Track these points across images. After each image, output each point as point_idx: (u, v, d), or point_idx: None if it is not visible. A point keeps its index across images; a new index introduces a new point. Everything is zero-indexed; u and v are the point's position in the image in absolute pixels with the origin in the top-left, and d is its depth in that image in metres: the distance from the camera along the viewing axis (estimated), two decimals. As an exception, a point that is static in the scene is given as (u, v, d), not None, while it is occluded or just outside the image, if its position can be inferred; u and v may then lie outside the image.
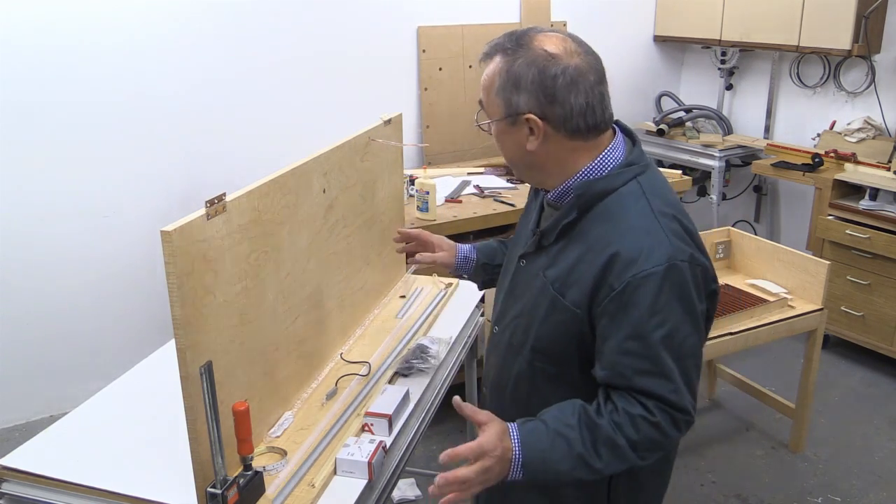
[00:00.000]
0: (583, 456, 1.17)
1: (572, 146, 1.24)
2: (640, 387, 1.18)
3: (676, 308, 1.17)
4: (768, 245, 2.96)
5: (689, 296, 1.19)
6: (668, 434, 1.19)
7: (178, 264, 1.20)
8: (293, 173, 1.59)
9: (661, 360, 1.17)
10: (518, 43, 1.22)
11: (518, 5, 3.98)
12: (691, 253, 1.20)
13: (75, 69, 2.94)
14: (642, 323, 1.16)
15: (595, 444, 1.17)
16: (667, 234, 1.19)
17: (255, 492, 1.35)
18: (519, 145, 1.25)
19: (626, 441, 1.17)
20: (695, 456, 2.97)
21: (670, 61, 4.73)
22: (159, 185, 3.20)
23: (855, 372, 3.58)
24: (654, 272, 1.15)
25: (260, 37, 3.31)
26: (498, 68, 1.23)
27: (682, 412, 1.19)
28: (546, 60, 1.19)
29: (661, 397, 1.18)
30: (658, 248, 1.17)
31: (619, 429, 1.17)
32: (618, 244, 1.18)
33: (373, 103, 3.54)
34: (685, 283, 1.18)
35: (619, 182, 1.23)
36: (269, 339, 1.53)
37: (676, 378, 1.18)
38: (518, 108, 1.21)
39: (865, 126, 3.74)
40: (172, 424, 1.46)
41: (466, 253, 1.69)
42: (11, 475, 1.45)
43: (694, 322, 1.20)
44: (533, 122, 1.21)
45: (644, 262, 1.16)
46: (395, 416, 1.59)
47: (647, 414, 1.17)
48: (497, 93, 1.23)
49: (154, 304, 3.21)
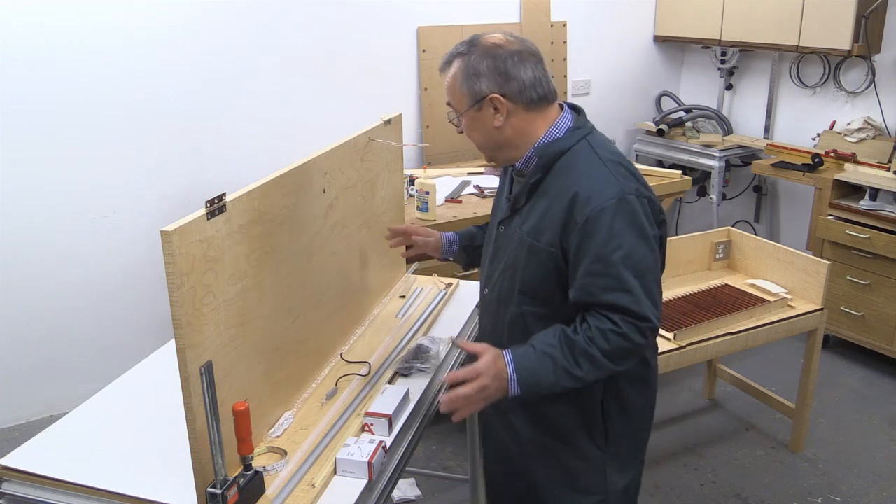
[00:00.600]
0: (566, 368, 1.41)
1: (530, 117, 1.49)
2: (605, 301, 1.40)
3: (630, 233, 1.40)
4: (768, 245, 2.96)
5: (639, 222, 1.42)
6: (635, 341, 1.41)
7: (178, 264, 1.20)
8: (293, 173, 1.59)
9: (621, 277, 1.39)
10: (470, 44, 1.49)
11: (518, 5, 3.98)
12: (637, 188, 1.44)
13: (75, 69, 2.94)
14: (602, 247, 1.39)
15: (575, 357, 1.41)
16: (615, 175, 1.44)
17: (255, 492, 1.35)
18: (487, 127, 1.49)
19: (600, 351, 1.40)
20: (695, 456, 2.97)
21: (670, 61, 4.73)
22: (159, 185, 3.20)
23: (855, 372, 3.58)
24: (607, 205, 1.39)
25: (260, 37, 3.31)
26: (458, 67, 1.48)
27: (643, 320, 1.40)
28: (495, 49, 1.47)
29: (624, 308, 1.39)
30: (609, 187, 1.41)
31: (592, 342, 1.40)
32: (576, 187, 1.42)
33: (373, 103, 3.54)
34: (635, 212, 1.41)
35: (572, 142, 1.49)
36: (268, 339, 1.53)
37: (637, 290, 1.39)
38: (482, 91, 1.46)
39: (865, 126, 3.74)
40: (172, 424, 1.46)
41: (450, 238, 1.92)
42: (11, 475, 1.45)
43: (647, 244, 1.43)
44: (496, 100, 1.46)
45: (598, 198, 1.40)
46: (395, 416, 1.59)
47: (614, 326, 1.40)
48: (461, 86, 1.48)
49: (154, 304, 3.22)
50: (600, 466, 1.60)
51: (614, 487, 1.61)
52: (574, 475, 1.61)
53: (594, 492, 1.61)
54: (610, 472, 1.60)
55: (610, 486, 1.61)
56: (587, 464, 1.60)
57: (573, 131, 1.51)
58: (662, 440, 3.04)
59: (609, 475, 1.60)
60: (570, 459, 1.60)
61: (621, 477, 1.62)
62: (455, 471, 2.86)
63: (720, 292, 2.83)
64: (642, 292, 1.40)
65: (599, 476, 1.60)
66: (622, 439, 1.60)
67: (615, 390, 1.56)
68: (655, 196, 1.50)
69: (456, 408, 1.42)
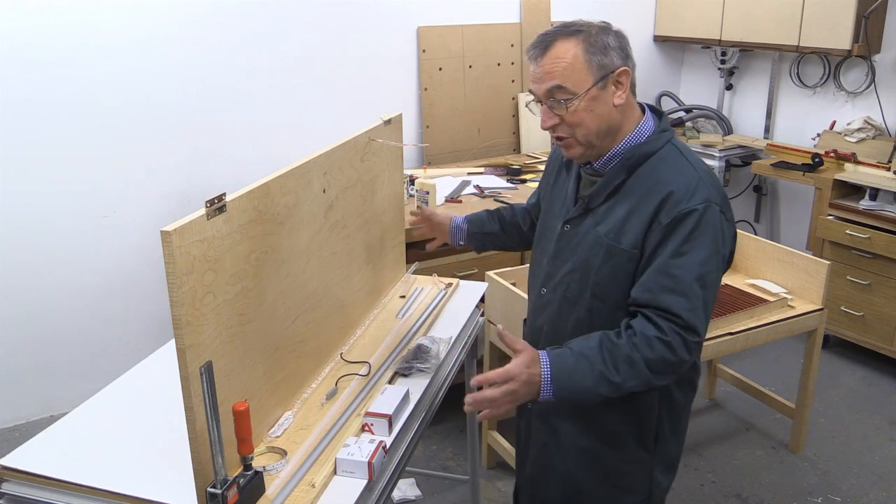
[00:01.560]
0: (603, 373, 1.35)
1: (631, 104, 1.48)
2: (662, 302, 1.36)
3: (708, 243, 1.37)
4: (768, 245, 2.96)
5: (719, 235, 1.39)
6: (679, 354, 1.36)
7: (178, 264, 1.20)
8: (293, 173, 1.58)
9: (685, 282, 1.36)
10: (574, 24, 1.43)
11: (518, 5, 3.98)
12: (723, 201, 1.42)
13: (76, 70, 2.94)
14: (678, 249, 1.36)
15: (615, 362, 1.35)
16: (706, 182, 1.41)
17: (255, 492, 1.34)
18: (607, 105, 1.43)
19: (642, 358, 1.35)
20: (695, 456, 2.97)
21: (670, 61, 4.73)
22: (159, 185, 3.20)
23: (855, 372, 3.58)
24: (695, 209, 1.37)
25: (260, 37, 3.31)
26: (576, 44, 1.40)
27: (692, 333, 1.36)
28: (609, 27, 1.45)
29: (677, 315, 1.35)
30: (700, 191, 1.38)
31: (636, 348, 1.35)
32: (671, 187, 1.39)
33: (373, 103, 3.54)
34: (718, 223, 1.39)
35: (659, 145, 1.46)
36: (269, 339, 1.53)
37: (696, 301, 1.36)
38: (612, 65, 1.41)
39: (865, 126, 3.74)
40: (172, 424, 1.46)
41: (459, 224, 1.93)
42: (11, 475, 1.45)
43: (719, 259, 1.40)
44: (623, 73, 1.42)
45: (688, 200, 1.37)
46: (395, 416, 1.59)
47: (661, 335, 1.35)
48: (587, 62, 1.40)
49: (154, 304, 3.22)
50: (647, 469, 1.59)
51: (658, 488, 1.61)
52: (618, 476, 1.60)
53: (639, 490, 1.60)
54: (656, 473, 1.60)
55: (654, 486, 1.60)
56: (634, 466, 1.58)
57: (660, 134, 1.48)
58: (662, 440, 3.04)
59: (655, 476, 1.60)
60: (617, 463, 1.59)
61: (665, 477, 1.62)
62: (455, 471, 2.86)
63: (720, 292, 2.80)
64: (700, 305, 1.36)
65: (645, 477, 1.59)
66: (670, 441, 1.59)
67: (668, 396, 1.54)
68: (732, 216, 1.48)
69: (481, 409, 1.38)
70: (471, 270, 3.07)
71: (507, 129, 4.00)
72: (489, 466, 2.88)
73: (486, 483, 2.77)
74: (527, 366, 1.36)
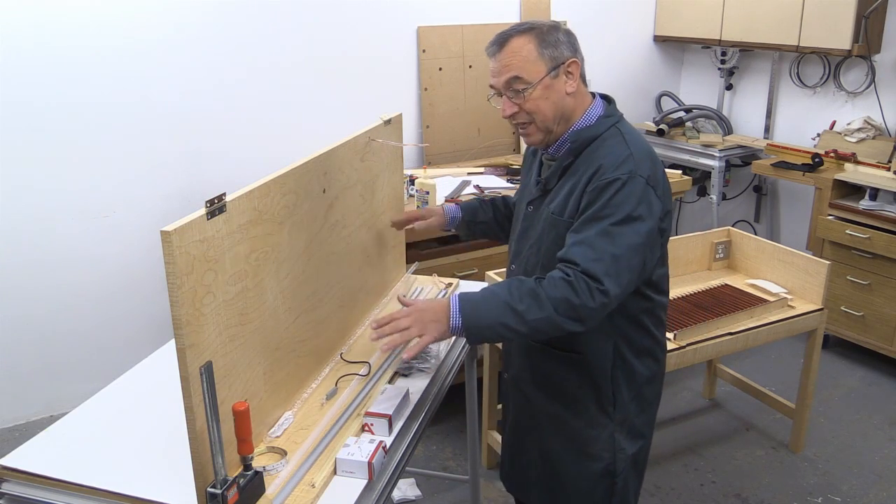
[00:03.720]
0: (508, 302, 1.45)
1: (582, 92, 1.60)
2: (571, 255, 1.46)
3: (627, 208, 1.46)
4: (768, 245, 2.96)
5: (641, 203, 1.47)
6: (582, 298, 1.43)
7: (178, 264, 1.20)
8: (293, 173, 1.59)
9: (597, 238, 1.45)
10: (527, 24, 1.56)
11: (518, 5, 3.98)
12: (650, 175, 1.50)
13: (76, 70, 2.94)
14: (597, 212, 1.47)
15: (521, 294, 1.45)
16: (636, 158, 1.51)
17: (255, 492, 1.34)
18: (560, 94, 1.56)
19: (546, 296, 1.44)
20: (695, 456, 2.97)
21: (670, 61, 4.73)
22: (159, 185, 3.20)
23: (855, 372, 3.58)
24: (618, 178, 1.48)
25: (260, 37, 3.31)
26: (529, 40, 1.54)
27: (595, 280, 1.43)
28: (559, 25, 1.58)
29: (579, 264, 1.44)
30: (626, 164, 1.49)
31: (541, 285, 1.45)
32: (604, 160, 1.52)
33: (373, 103, 3.54)
34: (639, 193, 1.47)
35: (602, 129, 1.58)
36: (269, 339, 1.53)
37: (604, 256, 1.44)
38: (562, 56, 1.55)
39: (865, 126, 3.74)
40: (172, 424, 1.46)
41: (454, 213, 2.00)
42: (11, 475, 1.45)
43: (637, 225, 1.47)
44: (574, 64, 1.56)
45: (613, 171, 1.49)
46: (395, 416, 1.59)
47: (565, 276, 1.44)
48: (539, 54, 1.54)
49: (154, 304, 3.22)
50: (609, 433, 1.66)
51: (622, 454, 1.68)
52: (583, 442, 1.68)
53: (603, 457, 1.68)
54: (618, 437, 1.67)
55: (617, 451, 1.68)
56: (597, 431, 1.66)
57: (604, 119, 1.60)
58: (662, 440, 3.04)
59: (617, 440, 1.67)
60: (580, 428, 1.67)
61: (630, 444, 1.69)
62: (455, 471, 2.86)
63: (720, 292, 2.83)
64: (609, 260, 1.44)
65: (608, 442, 1.67)
66: (630, 408, 1.67)
67: (622, 360, 1.63)
68: (669, 190, 1.57)
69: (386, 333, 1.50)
70: (471, 270, 3.07)
71: (507, 129, 4.00)
72: (489, 466, 2.88)
73: (486, 483, 2.77)
74: (428, 302, 1.53)
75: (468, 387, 2.30)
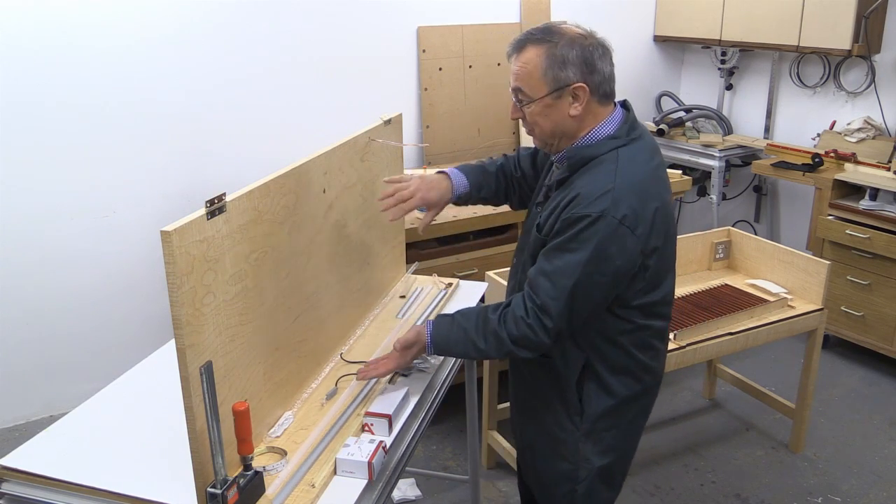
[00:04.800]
0: (474, 342, 1.58)
1: (596, 111, 1.54)
2: (535, 284, 1.51)
3: (591, 248, 1.46)
4: (768, 245, 2.96)
5: (604, 244, 1.46)
6: (539, 336, 1.51)
7: (178, 264, 1.20)
8: (293, 173, 1.59)
9: (558, 275, 1.48)
10: (549, 31, 1.52)
11: (518, 5, 3.98)
12: (625, 215, 1.46)
13: (76, 70, 2.94)
14: (565, 245, 1.48)
15: (485, 334, 1.56)
16: (616, 192, 1.46)
17: (255, 492, 1.35)
18: (562, 115, 1.52)
19: (507, 335, 1.54)
20: (695, 456, 2.97)
21: (670, 61, 4.73)
22: (159, 185, 3.20)
23: (855, 372, 3.58)
24: (588, 215, 1.45)
25: (260, 37, 3.31)
26: (539, 54, 1.49)
27: (549, 318, 1.49)
28: (582, 39, 1.51)
29: (539, 297, 1.50)
30: (602, 200, 1.46)
31: (504, 325, 1.54)
32: (580, 188, 1.49)
33: (373, 103, 3.54)
34: (607, 234, 1.45)
35: (601, 151, 1.53)
36: (268, 339, 1.53)
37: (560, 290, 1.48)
38: (567, 80, 1.49)
39: (865, 126, 3.74)
40: (172, 424, 1.46)
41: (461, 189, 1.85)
42: (11, 475, 1.45)
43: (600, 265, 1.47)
44: (580, 89, 1.49)
45: (586, 205, 1.46)
46: (395, 416, 1.59)
47: (525, 316, 1.51)
48: (543, 73, 1.49)
49: (154, 304, 3.22)
50: (574, 441, 1.67)
51: (587, 464, 1.68)
52: (553, 440, 1.70)
53: (569, 460, 1.69)
54: (584, 448, 1.67)
55: (582, 460, 1.67)
56: (564, 434, 1.68)
57: (609, 140, 1.54)
58: (662, 440, 3.04)
59: (582, 451, 1.67)
60: (551, 425, 1.69)
61: (597, 458, 1.68)
62: (455, 471, 2.86)
63: (720, 292, 2.83)
64: (565, 300, 1.48)
65: (573, 447, 1.68)
66: (600, 422, 1.65)
67: (595, 375, 1.62)
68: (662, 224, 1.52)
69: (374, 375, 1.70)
70: (471, 270, 3.07)
71: (507, 129, 3.99)
72: (489, 466, 2.88)
73: (486, 483, 2.77)
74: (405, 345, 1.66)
75: (468, 387, 2.31)
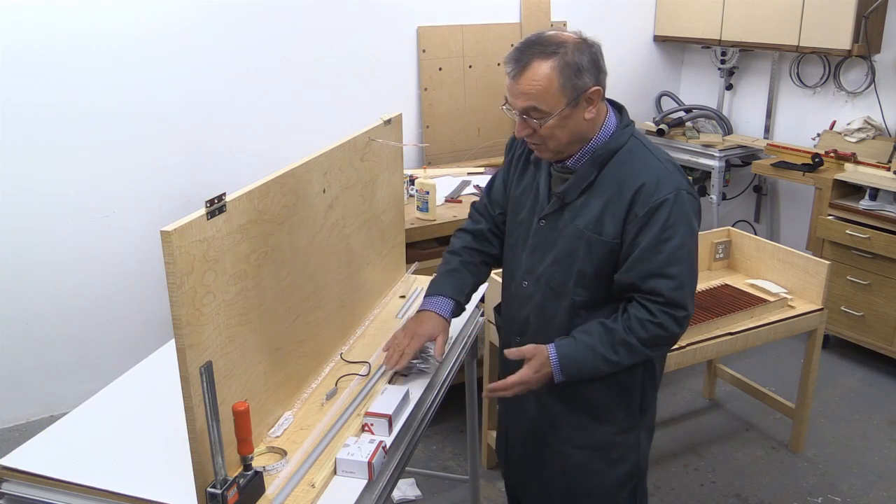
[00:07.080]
0: (604, 355, 1.53)
1: (602, 110, 1.56)
2: (648, 286, 1.51)
3: (683, 225, 1.51)
4: (768, 245, 2.96)
5: (691, 216, 1.53)
6: (671, 330, 1.53)
7: (178, 264, 1.20)
8: (293, 173, 1.59)
9: (669, 264, 1.50)
10: (550, 42, 1.47)
11: (518, 5, 3.98)
12: (686, 183, 1.55)
13: (76, 70, 2.94)
14: (658, 236, 1.49)
15: (613, 346, 1.53)
16: (671, 171, 1.54)
17: (255, 492, 1.35)
18: (578, 121, 1.52)
19: (637, 340, 1.52)
20: (695, 456, 2.97)
21: (670, 61, 4.73)
22: (159, 185, 3.20)
23: (855, 372, 3.58)
24: (667, 198, 1.49)
25: (260, 37, 3.31)
26: (551, 68, 1.45)
27: (680, 309, 1.52)
28: (585, 43, 1.50)
29: (663, 295, 1.50)
30: (669, 181, 1.51)
31: (630, 331, 1.52)
32: (641, 180, 1.51)
33: (373, 103, 3.54)
34: (687, 205, 1.52)
35: (623, 140, 1.56)
36: (269, 339, 1.53)
37: (680, 279, 1.51)
38: (584, 86, 1.48)
39: (865, 126, 3.74)
40: (172, 424, 1.46)
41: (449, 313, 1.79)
42: (11, 475, 1.45)
43: (694, 238, 1.55)
44: (595, 92, 1.50)
45: (660, 191, 1.50)
46: (395, 416, 1.59)
47: (652, 317, 1.51)
48: (562, 85, 1.46)
49: (154, 304, 3.22)
50: (636, 437, 1.71)
51: (644, 452, 1.75)
52: (609, 448, 1.70)
53: (629, 459, 1.71)
54: (642, 438, 1.73)
55: (642, 451, 1.74)
56: (623, 437, 1.69)
57: (623, 129, 1.58)
58: (662, 440, 3.04)
59: (641, 441, 1.73)
60: (606, 436, 1.69)
61: (648, 442, 1.76)
62: (455, 471, 2.86)
63: (720, 292, 2.83)
64: (685, 282, 1.52)
65: (634, 445, 1.71)
66: (651, 407, 1.74)
67: (651, 368, 1.68)
68: (694, 190, 1.60)
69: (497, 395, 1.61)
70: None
71: (507, 129, 4.00)
72: (489, 466, 2.88)
73: (486, 483, 2.77)
74: (535, 370, 1.55)
75: (468, 387, 2.31)
